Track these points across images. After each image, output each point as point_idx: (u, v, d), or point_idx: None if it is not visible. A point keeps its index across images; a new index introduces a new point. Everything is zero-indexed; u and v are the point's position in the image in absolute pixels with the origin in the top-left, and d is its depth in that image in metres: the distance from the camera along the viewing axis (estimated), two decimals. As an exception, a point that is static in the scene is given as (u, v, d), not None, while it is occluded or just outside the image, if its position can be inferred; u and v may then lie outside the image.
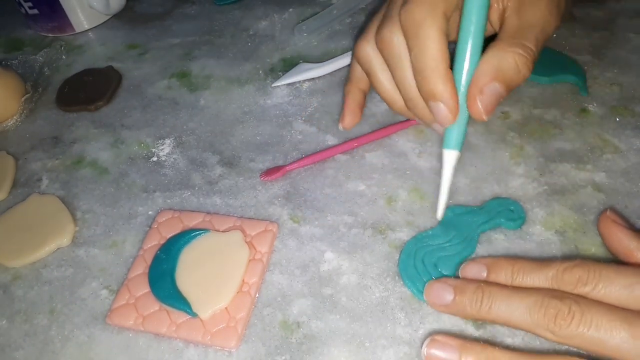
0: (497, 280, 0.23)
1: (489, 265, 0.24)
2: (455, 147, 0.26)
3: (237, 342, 0.25)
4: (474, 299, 0.22)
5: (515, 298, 0.22)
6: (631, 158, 0.30)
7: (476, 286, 0.23)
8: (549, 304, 0.21)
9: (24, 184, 0.35)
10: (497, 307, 0.22)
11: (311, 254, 0.28)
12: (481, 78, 0.24)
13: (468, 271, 0.24)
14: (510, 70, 0.24)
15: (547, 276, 0.22)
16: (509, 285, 0.23)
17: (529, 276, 0.23)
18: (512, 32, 0.25)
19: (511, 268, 0.23)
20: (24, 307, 0.29)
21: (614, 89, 0.34)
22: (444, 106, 0.24)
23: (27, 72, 0.44)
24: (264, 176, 0.32)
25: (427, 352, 0.22)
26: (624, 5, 0.40)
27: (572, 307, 0.20)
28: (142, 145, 0.37)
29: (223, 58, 0.42)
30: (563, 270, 0.22)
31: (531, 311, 0.21)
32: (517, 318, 0.21)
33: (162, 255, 0.28)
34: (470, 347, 0.21)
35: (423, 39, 0.24)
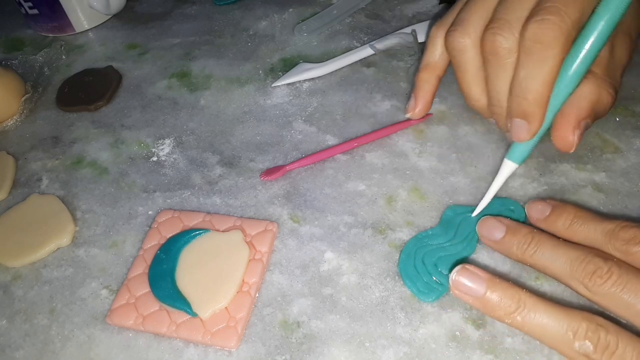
0: (556, 222, 0.24)
1: (554, 205, 0.25)
2: (517, 160, 0.26)
3: (237, 342, 0.25)
4: (523, 242, 0.23)
5: (561, 248, 0.23)
6: (631, 158, 0.30)
7: (528, 230, 0.24)
8: (591, 260, 0.21)
9: (24, 183, 0.35)
10: (541, 253, 0.23)
11: (311, 254, 0.28)
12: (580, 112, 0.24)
13: (533, 208, 0.26)
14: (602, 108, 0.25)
15: (604, 228, 0.23)
16: (565, 231, 0.24)
17: (587, 224, 0.23)
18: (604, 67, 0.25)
19: (574, 213, 0.24)
20: (24, 307, 0.29)
21: (614, 89, 0.34)
22: (528, 126, 0.25)
23: (27, 72, 0.44)
24: (264, 176, 0.32)
25: (456, 278, 0.22)
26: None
27: (612, 268, 0.21)
28: (142, 145, 0.37)
29: (223, 58, 0.42)
30: (621, 227, 0.22)
31: (572, 263, 0.22)
32: (557, 267, 0.22)
33: (162, 255, 0.28)
34: (499, 283, 0.22)
35: (544, 63, 0.23)
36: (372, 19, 0.43)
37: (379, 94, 0.37)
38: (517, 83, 0.25)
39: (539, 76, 0.24)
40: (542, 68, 0.24)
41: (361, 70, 0.39)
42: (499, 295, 0.22)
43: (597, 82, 0.25)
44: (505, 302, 0.22)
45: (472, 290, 0.22)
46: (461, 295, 0.23)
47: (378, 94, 0.37)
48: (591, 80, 0.25)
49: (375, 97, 0.36)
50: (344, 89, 0.38)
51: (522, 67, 0.24)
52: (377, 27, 0.42)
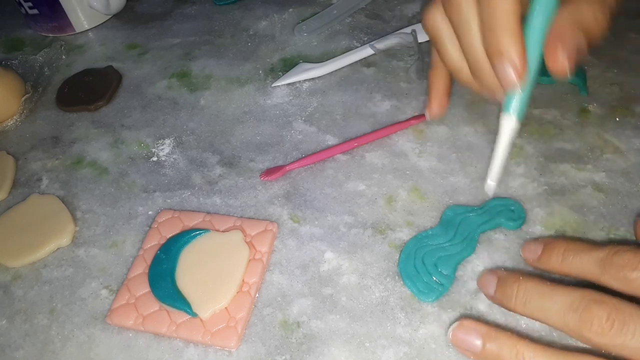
0: (549, 259, 0.24)
1: (545, 244, 0.24)
2: (515, 112, 0.24)
3: (237, 342, 0.25)
4: (510, 293, 0.22)
5: (549, 296, 0.21)
6: (631, 158, 0.30)
7: (514, 279, 0.23)
8: (585, 308, 0.20)
9: (24, 183, 0.35)
10: (532, 303, 0.22)
11: (311, 254, 0.28)
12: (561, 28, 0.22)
13: (526, 250, 0.25)
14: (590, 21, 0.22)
15: (597, 258, 0.22)
16: (559, 266, 0.23)
17: (579, 256, 0.22)
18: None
19: (564, 247, 0.23)
20: (24, 307, 0.29)
21: (614, 89, 0.34)
22: (510, 67, 0.23)
23: (27, 72, 0.44)
24: (264, 176, 0.32)
25: (453, 334, 0.22)
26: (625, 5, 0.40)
27: (612, 314, 0.19)
28: (142, 145, 0.37)
29: (223, 58, 0.42)
30: (614, 253, 0.21)
31: (565, 314, 0.20)
32: (551, 319, 0.21)
33: (162, 255, 0.28)
34: (496, 335, 0.21)
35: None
36: (372, 19, 0.43)
37: (379, 94, 0.37)
38: (485, 27, 0.24)
39: (501, 7, 0.23)
40: None
41: (361, 70, 0.39)
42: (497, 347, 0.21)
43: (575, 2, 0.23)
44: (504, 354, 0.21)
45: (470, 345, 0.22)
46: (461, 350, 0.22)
47: (378, 94, 0.37)
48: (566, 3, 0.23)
49: (375, 97, 0.36)
50: (344, 89, 0.38)
51: (483, 9, 0.23)
52: (377, 27, 0.42)
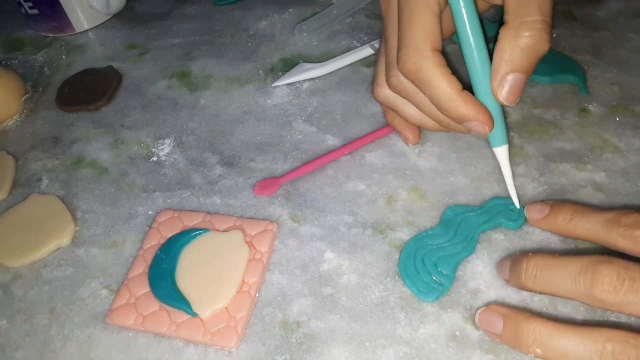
0: (556, 218, 0.24)
1: (552, 205, 0.25)
2: (501, 143, 0.27)
3: (237, 342, 0.25)
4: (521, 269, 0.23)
5: (558, 265, 0.21)
6: (631, 158, 0.30)
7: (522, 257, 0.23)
8: (594, 270, 0.20)
9: (24, 183, 0.35)
10: (541, 276, 0.22)
11: (311, 254, 0.28)
12: (498, 73, 0.24)
13: (532, 209, 0.26)
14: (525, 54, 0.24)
15: (604, 218, 0.22)
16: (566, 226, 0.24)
17: (587, 217, 0.23)
18: (513, 10, 0.24)
19: (572, 209, 0.24)
20: (24, 307, 0.29)
21: (614, 88, 0.34)
22: (477, 123, 0.25)
23: (27, 72, 0.44)
24: (258, 191, 0.30)
25: (479, 316, 0.24)
26: (624, 4, 0.40)
27: (621, 273, 0.20)
28: (142, 145, 0.37)
29: (223, 58, 0.42)
30: (622, 214, 0.22)
31: (575, 280, 0.21)
32: (562, 288, 0.21)
33: (162, 255, 0.28)
34: (515, 316, 0.22)
35: (427, 83, 0.25)
36: (372, 19, 0.43)
37: (379, 93, 0.37)
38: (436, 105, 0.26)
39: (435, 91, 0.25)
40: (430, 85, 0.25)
41: (361, 70, 0.39)
42: (515, 325, 0.21)
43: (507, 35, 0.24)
44: (522, 332, 0.21)
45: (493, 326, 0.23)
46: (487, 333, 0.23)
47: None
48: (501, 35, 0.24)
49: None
50: (344, 89, 0.38)
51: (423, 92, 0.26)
52: (377, 27, 0.42)
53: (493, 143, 0.27)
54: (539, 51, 0.24)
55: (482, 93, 0.25)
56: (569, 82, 0.35)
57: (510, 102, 0.25)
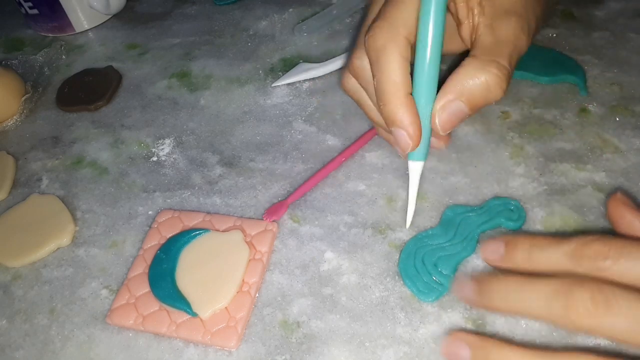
0: (514, 256, 0.23)
1: (507, 242, 0.23)
2: (420, 158, 0.25)
3: (237, 342, 0.25)
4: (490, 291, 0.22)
5: (530, 287, 0.21)
6: (631, 158, 0.30)
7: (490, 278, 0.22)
8: (568, 293, 0.19)
9: (24, 183, 0.35)
10: (512, 298, 0.21)
11: (311, 254, 0.28)
12: (446, 95, 0.23)
13: (486, 250, 0.24)
14: (480, 90, 0.23)
15: (565, 251, 0.21)
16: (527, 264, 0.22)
17: (546, 251, 0.22)
18: (486, 49, 0.24)
19: (529, 243, 0.22)
20: (24, 307, 0.29)
21: (614, 88, 0.34)
22: (404, 133, 0.24)
23: (27, 72, 0.44)
24: (268, 217, 0.30)
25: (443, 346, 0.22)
26: (624, 4, 0.40)
27: (596, 295, 0.19)
28: (142, 145, 0.37)
29: (223, 58, 0.42)
30: (582, 245, 0.21)
31: (549, 303, 0.20)
32: (534, 311, 0.20)
33: (162, 255, 0.28)
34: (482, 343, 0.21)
35: (383, 64, 0.24)
36: (372, 19, 0.43)
37: (379, 93, 0.37)
38: (377, 97, 0.25)
39: (386, 76, 0.24)
40: (385, 68, 0.24)
41: (361, 70, 0.39)
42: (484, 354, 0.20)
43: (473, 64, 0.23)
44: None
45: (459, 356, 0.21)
46: None
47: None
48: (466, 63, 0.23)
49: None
50: (344, 89, 0.38)
51: (374, 76, 0.25)
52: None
53: (412, 156, 0.25)
54: (493, 94, 0.23)
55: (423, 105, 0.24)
56: (569, 82, 0.35)
57: (444, 129, 0.23)
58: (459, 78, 0.23)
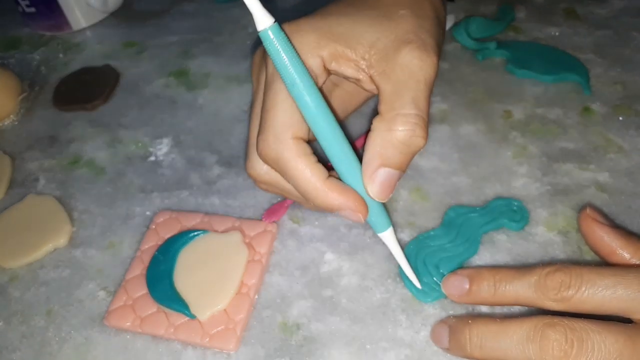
0: (479, 291, 0.23)
1: (470, 276, 0.24)
2: (385, 228, 0.24)
3: (236, 344, 0.25)
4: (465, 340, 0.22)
5: (503, 333, 0.21)
6: (635, 157, 0.30)
7: (463, 325, 0.22)
8: (542, 336, 0.20)
9: (20, 184, 0.35)
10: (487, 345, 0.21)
11: (311, 255, 0.28)
12: (369, 167, 0.22)
13: (450, 284, 0.24)
14: (398, 149, 0.22)
15: (529, 283, 0.22)
16: (493, 298, 0.23)
17: (511, 284, 0.22)
18: (387, 102, 0.22)
19: (493, 277, 0.23)
20: (21, 308, 0.28)
21: (618, 87, 0.34)
22: (349, 211, 0.23)
23: (24, 71, 0.44)
24: (267, 217, 0.29)
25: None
26: (628, 3, 0.40)
27: (569, 336, 0.20)
28: (139, 145, 0.36)
29: (221, 56, 0.42)
30: (545, 276, 0.21)
31: (524, 347, 0.20)
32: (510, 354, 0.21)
33: (160, 256, 0.28)
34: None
35: (288, 172, 0.23)
36: (372, 17, 0.43)
37: (380, 92, 0.36)
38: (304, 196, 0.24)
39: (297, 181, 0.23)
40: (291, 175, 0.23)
41: (361, 69, 0.38)
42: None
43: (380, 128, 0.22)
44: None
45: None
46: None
47: (379, 93, 0.36)
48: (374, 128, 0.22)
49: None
50: (344, 87, 0.37)
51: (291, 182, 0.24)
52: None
53: (376, 229, 0.24)
54: (413, 146, 0.22)
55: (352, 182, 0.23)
56: (572, 81, 0.34)
57: (381, 198, 0.23)
58: (374, 144, 0.22)
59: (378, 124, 0.22)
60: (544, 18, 0.40)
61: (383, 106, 0.22)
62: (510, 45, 0.37)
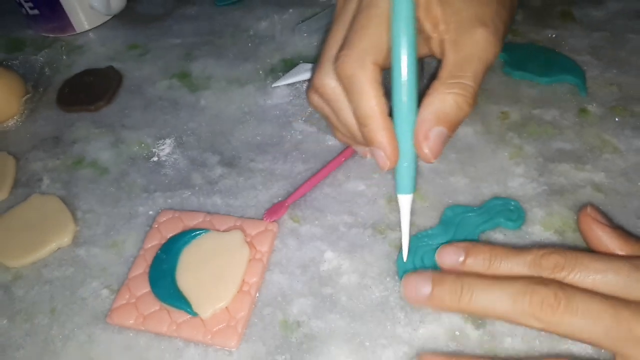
0: (474, 264, 0.24)
1: (467, 249, 0.24)
2: (408, 191, 0.25)
3: (237, 342, 0.25)
4: (453, 290, 0.22)
5: (496, 287, 0.22)
6: (630, 158, 0.30)
7: (455, 277, 0.23)
8: (533, 290, 0.21)
9: (24, 184, 0.36)
10: (478, 298, 0.22)
11: (311, 254, 0.28)
12: (425, 124, 0.24)
13: (445, 254, 0.25)
14: (452, 111, 0.24)
15: (525, 261, 0.23)
16: (486, 272, 0.23)
17: (506, 261, 0.23)
18: (450, 69, 0.24)
19: (489, 253, 0.23)
20: (25, 306, 0.29)
21: (613, 89, 0.34)
22: (382, 153, 0.24)
23: (27, 73, 0.44)
24: (268, 217, 0.30)
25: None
26: (624, 5, 0.40)
27: (558, 293, 0.21)
28: (142, 146, 0.37)
29: (223, 58, 0.43)
30: (541, 256, 0.22)
31: (515, 299, 0.21)
32: (500, 307, 0.21)
33: (162, 255, 0.28)
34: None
35: (357, 91, 0.24)
36: (372, 20, 0.43)
37: (379, 94, 0.37)
38: (357, 119, 0.25)
39: (361, 104, 0.24)
40: (358, 97, 0.24)
41: (361, 71, 0.39)
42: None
43: (439, 89, 0.24)
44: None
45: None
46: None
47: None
48: (432, 89, 0.24)
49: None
50: (344, 89, 0.38)
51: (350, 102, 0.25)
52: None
53: (400, 189, 0.25)
54: (463, 113, 0.24)
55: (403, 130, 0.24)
56: (568, 82, 0.35)
57: (431, 156, 0.24)
58: (431, 104, 0.24)
59: (438, 86, 0.24)
60: (541, 20, 0.40)
61: (445, 72, 0.24)
62: (507, 47, 0.37)
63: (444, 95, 0.24)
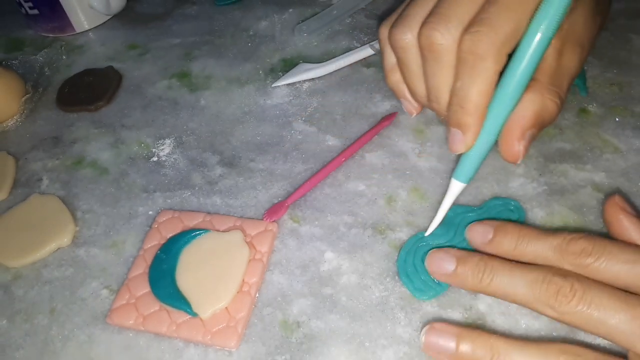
0: (501, 243, 0.24)
1: (496, 227, 0.24)
2: (465, 181, 0.25)
3: (237, 342, 0.25)
4: (476, 271, 0.23)
5: (517, 272, 0.22)
6: (631, 158, 0.30)
7: (479, 258, 0.23)
8: (551, 280, 0.21)
9: (24, 184, 0.36)
10: (498, 281, 0.22)
11: (311, 254, 0.28)
12: (525, 123, 0.24)
13: (474, 232, 0.25)
14: (548, 117, 0.24)
15: (551, 244, 0.22)
16: (513, 251, 0.23)
17: (533, 243, 0.23)
18: (551, 75, 0.24)
19: (517, 233, 0.23)
20: (24, 306, 0.29)
21: (614, 89, 0.34)
22: (463, 137, 0.24)
23: (27, 72, 0.44)
24: (268, 217, 0.30)
25: (425, 339, 0.23)
26: (625, 5, 0.40)
27: (575, 285, 0.21)
28: (142, 146, 0.37)
29: (223, 58, 0.43)
30: (569, 241, 0.22)
31: (533, 286, 0.21)
32: (518, 292, 0.22)
33: (162, 255, 0.28)
34: (468, 334, 0.22)
35: (478, 74, 0.23)
36: (372, 19, 0.43)
37: (379, 94, 0.37)
38: (454, 91, 0.24)
39: (474, 87, 0.23)
40: (476, 79, 0.23)
41: (361, 71, 0.39)
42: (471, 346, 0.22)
43: (542, 91, 0.24)
44: (478, 353, 0.21)
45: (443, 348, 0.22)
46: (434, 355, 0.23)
47: (378, 94, 0.37)
48: (535, 88, 0.24)
49: (375, 97, 0.36)
50: (344, 89, 0.38)
51: (458, 76, 0.24)
52: (377, 27, 0.42)
53: (458, 175, 0.25)
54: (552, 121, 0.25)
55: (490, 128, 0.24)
56: (568, 82, 0.35)
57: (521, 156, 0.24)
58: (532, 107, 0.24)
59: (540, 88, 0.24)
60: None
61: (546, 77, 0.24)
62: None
63: (545, 100, 0.24)
